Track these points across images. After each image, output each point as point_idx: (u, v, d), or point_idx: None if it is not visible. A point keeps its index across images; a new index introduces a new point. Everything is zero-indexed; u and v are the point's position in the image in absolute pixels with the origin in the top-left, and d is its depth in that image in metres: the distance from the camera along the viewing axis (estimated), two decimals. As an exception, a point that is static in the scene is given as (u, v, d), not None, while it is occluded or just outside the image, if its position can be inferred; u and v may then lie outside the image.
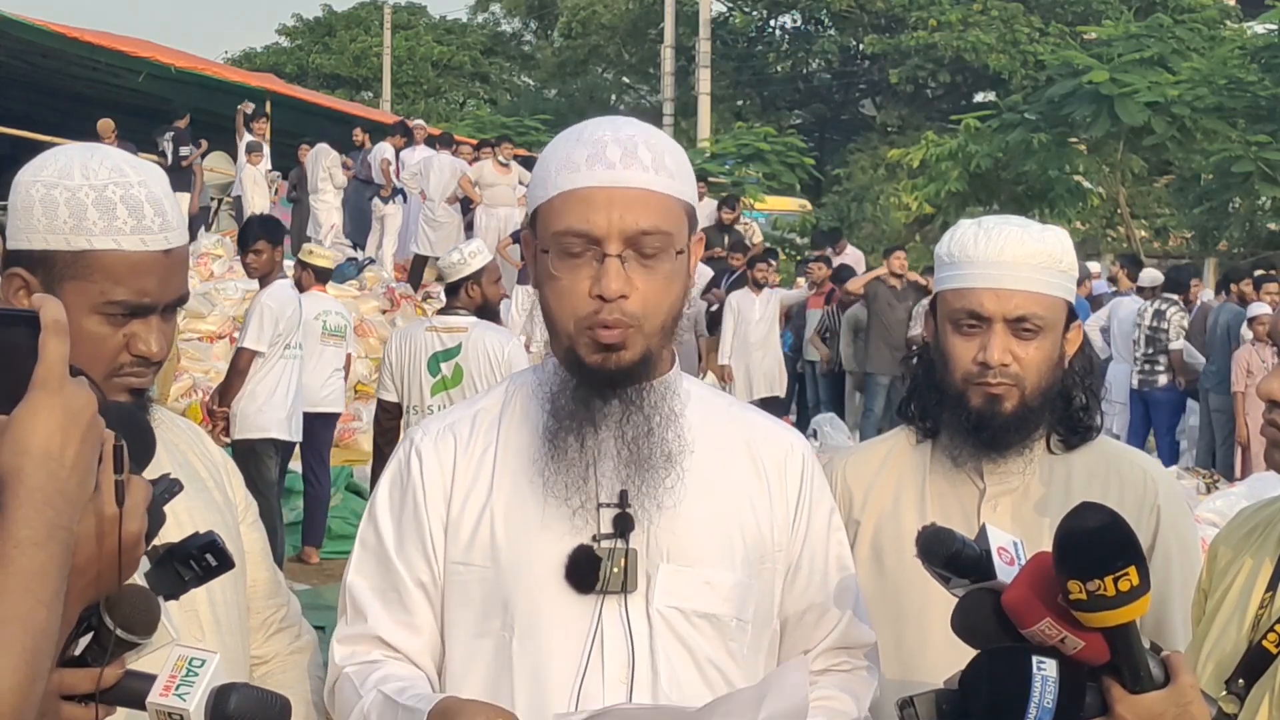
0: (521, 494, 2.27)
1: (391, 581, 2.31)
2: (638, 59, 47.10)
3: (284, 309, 9.13)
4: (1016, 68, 37.79)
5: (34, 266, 2.17)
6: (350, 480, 11.48)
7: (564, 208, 2.20)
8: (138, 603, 1.65)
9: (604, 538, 2.23)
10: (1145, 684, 1.89)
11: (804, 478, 2.39)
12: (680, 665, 2.24)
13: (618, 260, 2.18)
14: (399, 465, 2.36)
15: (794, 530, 2.37)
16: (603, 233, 2.18)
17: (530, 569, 2.24)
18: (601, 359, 2.21)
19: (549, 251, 2.22)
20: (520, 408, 2.34)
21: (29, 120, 22.60)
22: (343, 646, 2.33)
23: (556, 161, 2.24)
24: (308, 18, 54.04)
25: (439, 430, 2.36)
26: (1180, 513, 2.76)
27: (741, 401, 2.64)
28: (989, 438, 2.65)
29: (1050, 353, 2.66)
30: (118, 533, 1.49)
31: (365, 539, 2.36)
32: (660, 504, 2.24)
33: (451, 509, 2.30)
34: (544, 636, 2.23)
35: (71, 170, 2.17)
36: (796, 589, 2.38)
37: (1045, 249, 2.64)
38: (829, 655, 2.40)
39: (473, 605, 2.27)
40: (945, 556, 1.98)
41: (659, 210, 2.21)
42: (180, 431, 2.46)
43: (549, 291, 2.23)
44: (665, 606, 2.25)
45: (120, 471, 1.50)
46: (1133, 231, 27.53)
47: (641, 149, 2.23)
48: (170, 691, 1.66)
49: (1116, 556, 1.80)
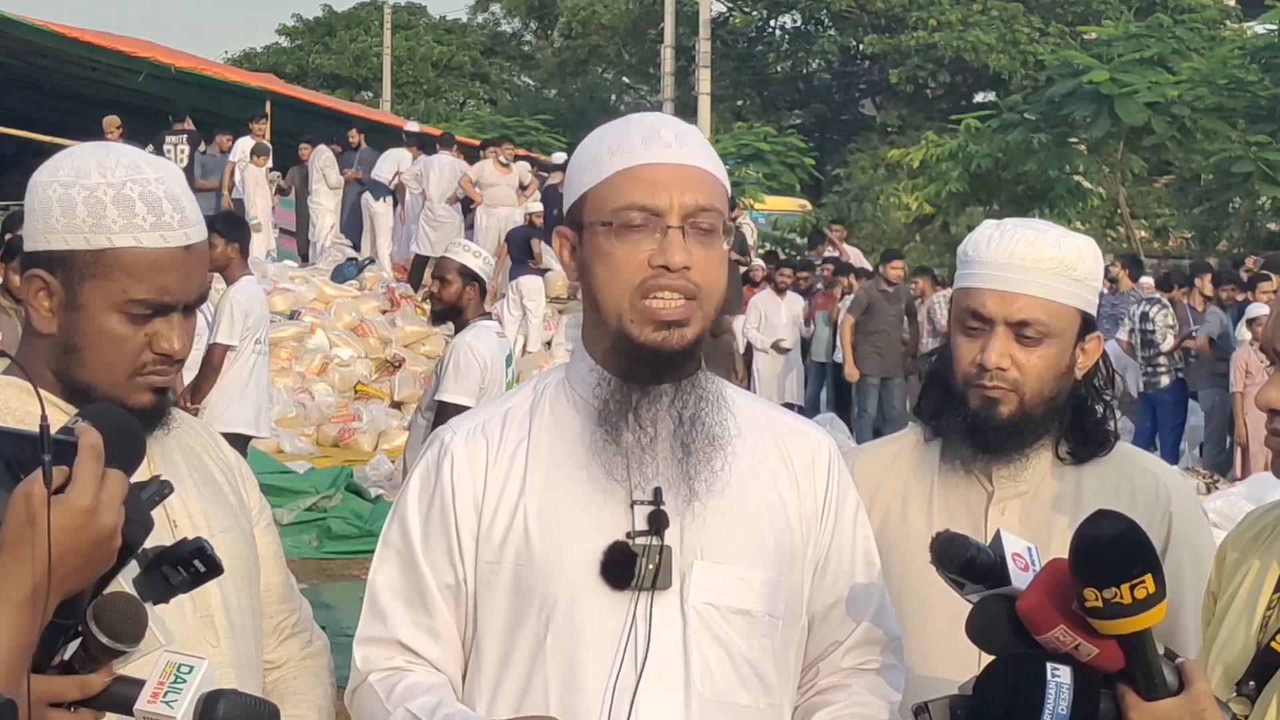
0: (554, 491, 2.27)
1: (415, 584, 2.30)
2: (638, 59, 47.10)
3: (251, 304, 9.12)
4: (1016, 68, 37.79)
5: (54, 267, 2.16)
6: (350, 480, 11.47)
7: (623, 185, 2.22)
8: (124, 610, 1.65)
9: (638, 534, 2.23)
10: (1160, 691, 1.89)
11: (831, 474, 2.40)
12: (715, 661, 2.25)
13: (680, 232, 2.20)
14: (428, 466, 2.34)
15: (822, 526, 2.38)
16: (665, 206, 2.20)
17: (564, 566, 2.24)
18: (662, 337, 2.21)
19: (606, 226, 2.22)
20: (550, 405, 2.34)
21: (29, 120, 22.61)
22: (364, 648, 2.32)
23: (608, 145, 2.26)
24: (308, 18, 54.08)
25: (470, 430, 2.35)
26: (1194, 520, 2.73)
27: (765, 400, 2.64)
28: (983, 441, 2.63)
29: (1055, 361, 2.62)
30: (54, 518, 1.51)
31: (390, 539, 2.35)
32: (694, 500, 2.24)
33: (484, 510, 2.29)
34: (578, 634, 2.23)
35: (88, 169, 2.16)
36: (825, 584, 2.39)
37: (1057, 255, 2.60)
38: (857, 652, 2.40)
39: (506, 603, 2.27)
40: (960, 563, 1.97)
41: (713, 190, 2.25)
42: (195, 434, 2.45)
43: (601, 268, 2.23)
44: (700, 603, 2.25)
45: (46, 452, 1.51)
46: (1133, 231, 27.53)
47: (690, 134, 2.30)
48: (158, 698, 1.65)
49: (1133, 564, 1.80)
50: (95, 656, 1.65)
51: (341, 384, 15.59)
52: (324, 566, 10.19)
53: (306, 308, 16.64)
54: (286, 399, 14.47)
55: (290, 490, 10.81)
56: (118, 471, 1.57)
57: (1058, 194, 26.00)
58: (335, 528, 10.67)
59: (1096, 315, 2.72)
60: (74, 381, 2.19)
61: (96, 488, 1.55)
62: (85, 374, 2.18)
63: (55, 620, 1.58)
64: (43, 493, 1.52)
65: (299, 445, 13.64)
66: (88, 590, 1.62)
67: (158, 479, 1.71)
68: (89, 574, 1.57)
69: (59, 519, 1.50)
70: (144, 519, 1.65)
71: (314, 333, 16.09)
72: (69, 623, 1.62)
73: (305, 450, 13.56)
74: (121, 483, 1.58)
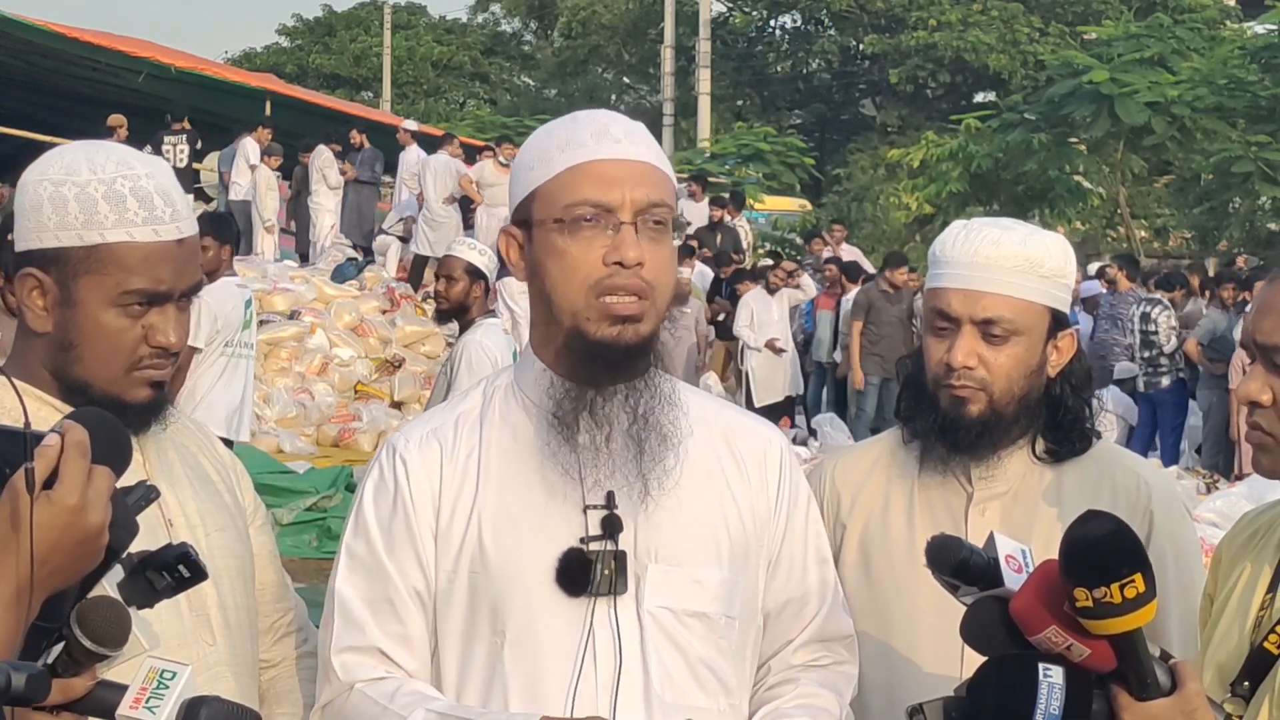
0: (507, 497, 2.25)
1: (385, 592, 2.26)
2: (638, 59, 47.11)
3: (223, 306, 9.05)
4: (1016, 68, 37.80)
5: (47, 265, 2.16)
6: (350, 480, 11.47)
7: (574, 181, 2.21)
8: (108, 615, 1.65)
9: (592, 539, 2.22)
10: (1152, 691, 1.89)
11: (783, 470, 2.39)
12: (673, 665, 2.23)
13: (632, 228, 2.19)
14: (382, 473, 2.30)
15: (775, 523, 2.37)
16: (618, 202, 2.19)
17: (519, 573, 2.22)
18: (616, 332, 2.19)
19: (558, 223, 2.20)
20: (499, 409, 2.32)
21: (29, 120, 22.58)
22: (342, 658, 2.26)
23: (556, 142, 2.24)
24: (308, 18, 54.09)
25: (422, 436, 2.32)
26: (1176, 518, 2.71)
27: (716, 397, 2.63)
28: (953, 440, 2.63)
29: (1024, 359, 2.61)
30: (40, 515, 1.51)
31: (353, 549, 2.29)
32: (646, 501, 2.23)
33: (440, 516, 2.26)
34: (536, 641, 2.21)
35: (78, 166, 2.17)
36: (778, 582, 2.38)
37: (1022, 252, 2.59)
38: (809, 649, 2.39)
39: (463, 611, 2.25)
40: (953, 565, 1.98)
41: (662, 185, 2.25)
42: (190, 433, 2.45)
43: (553, 266, 2.21)
44: (656, 607, 2.24)
45: (30, 458, 1.51)
46: (1133, 231, 27.56)
47: (638, 130, 2.29)
48: (140, 704, 1.64)
49: (1123, 564, 1.80)
50: (78, 660, 1.65)
51: (341, 384, 15.58)
52: (324, 566, 10.19)
53: (306, 308, 16.62)
54: (286, 399, 14.47)
55: (290, 490, 10.82)
56: (104, 469, 1.58)
57: (1058, 194, 26.02)
58: (335, 528, 10.66)
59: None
60: (71, 379, 2.19)
61: (83, 485, 1.55)
62: (83, 370, 2.18)
63: (39, 623, 1.58)
64: (75, 503, 1.52)
65: (299, 445, 13.63)
66: (72, 593, 1.62)
67: (144, 484, 1.71)
68: (75, 572, 1.57)
69: (46, 516, 1.50)
70: (129, 523, 1.65)
71: (314, 333, 16.08)
72: (52, 626, 1.62)
73: (305, 450, 13.55)
74: (109, 480, 1.58)
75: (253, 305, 9.49)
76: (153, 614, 1.75)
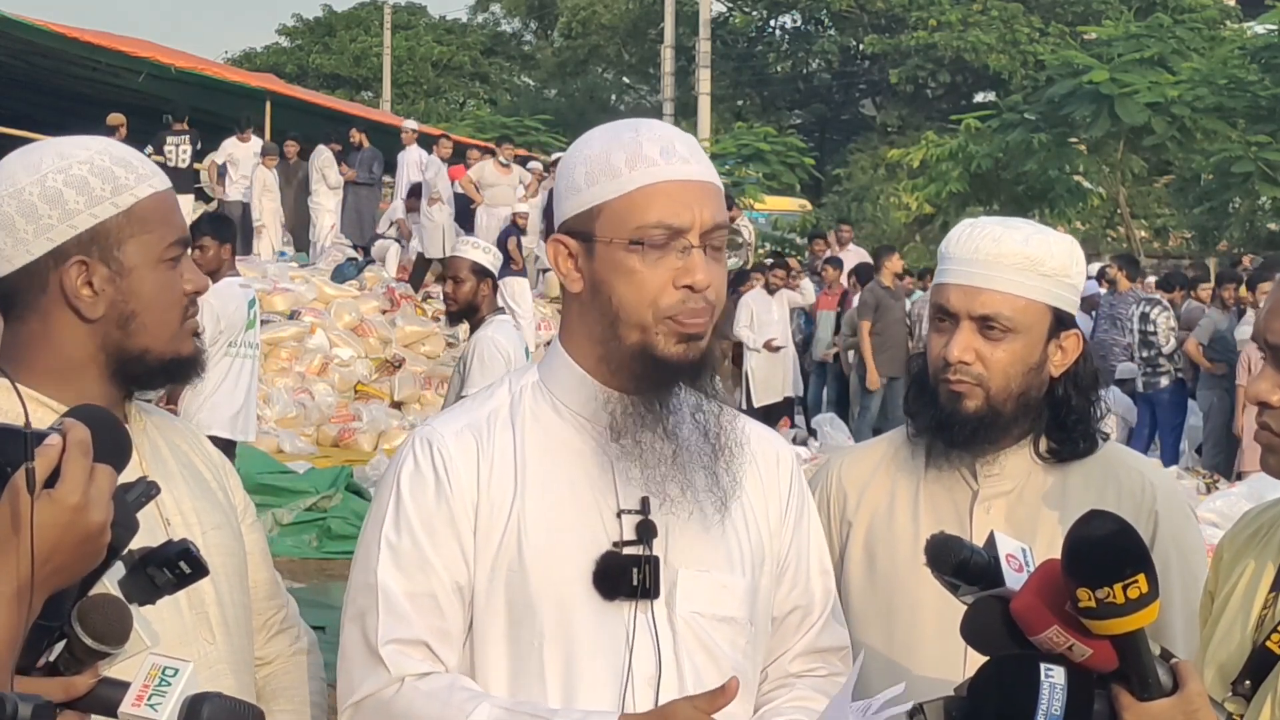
0: (545, 499, 2.26)
1: (428, 586, 2.24)
2: (638, 59, 47.12)
3: (225, 306, 9.04)
4: (1016, 68, 37.81)
5: (86, 248, 2.16)
6: (350, 480, 11.48)
7: (646, 201, 2.21)
8: (109, 612, 1.65)
9: (627, 544, 2.23)
10: (1154, 691, 1.89)
11: (793, 480, 2.43)
12: (705, 669, 2.25)
13: (701, 251, 2.21)
14: (418, 465, 2.28)
15: (784, 532, 2.40)
16: (689, 225, 2.21)
17: (557, 575, 2.23)
18: (684, 349, 2.22)
19: (635, 245, 2.20)
20: (530, 409, 2.32)
21: (29, 120, 22.58)
22: (390, 648, 2.22)
23: (624, 156, 2.23)
24: (308, 18, 54.09)
25: (457, 430, 2.30)
26: (1181, 519, 2.72)
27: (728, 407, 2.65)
28: (950, 435, 2.63)
29: (1022, 356, 2.61)
30: (42, 514, 1.51)
31: (393, 541, 2.26)
32: (676, 509, 2.24)
33: (480, 512, 2.26)
34: (574, 644, 2.22)
35: (71, 152, 2.19)
36: (783, 591, 2.40)
37: (1023, 250, 2.59)
38: (805, 659, 2.41)
39: (500, 612, 2.25)
40: (954, 564, 1.98)
41: (722, 205, 2.28)
42: (181, 432, 2.46)
43: (622, 285, 2.21)
44: (688, 612, 2.26)
45: (30, 458, 1.51)
46: (1133, 231, 27.56)
47: (695, 146, 2.30)
48: (143, 701, 1.63)
49: (1126, 564, 1.80)
50: (80, 658, 1.65)
51: (341, 384, 15.60)
52: (324, 566, 10.19)
53: (306, 308, 16.64)
54: (286, 399, 14.47)
55: (290, 490, 10.82)
56: (106, 466, 1.57)
57: (1058, 194, 26.03)
58: (335, 528, 10.67)
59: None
60: (129, 352, 2.20)
61: (85, 483, 1.55)
62: (145, 338, 2.20)
63: (40, 621, 1.57)
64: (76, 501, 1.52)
65: (299, 445, 13.64)
66: (73, 591, 1.62)
67: (144, 480, 1.71)
68: (77, 570, 1.57)
69: (47, 515, 1.49)
70: (129, 521, 1.64)
71: (314, 333, 16.09)
72: (54, 624, 1.62)
73: (305, 450, 13.55)
74: (110, 478, 1.57)
75: (256, 305, 9.48)
76: (153, 613, 1.75)
